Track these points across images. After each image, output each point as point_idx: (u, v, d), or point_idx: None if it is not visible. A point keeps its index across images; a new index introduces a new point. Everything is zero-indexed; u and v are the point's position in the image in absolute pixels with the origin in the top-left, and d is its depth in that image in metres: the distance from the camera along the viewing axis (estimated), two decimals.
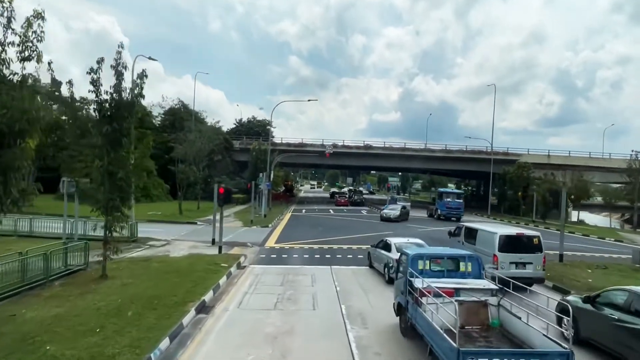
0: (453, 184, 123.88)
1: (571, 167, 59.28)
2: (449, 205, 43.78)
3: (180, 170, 35.42)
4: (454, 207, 43.60)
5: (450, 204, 43.82)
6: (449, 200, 44.40)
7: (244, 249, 21.25)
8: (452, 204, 43.97)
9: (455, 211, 43.44)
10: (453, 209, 43.48)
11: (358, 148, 60.93)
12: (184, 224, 30.69)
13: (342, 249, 22.11)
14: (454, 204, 43.93)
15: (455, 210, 43.57)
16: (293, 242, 23.70)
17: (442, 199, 44.95)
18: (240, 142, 60.33)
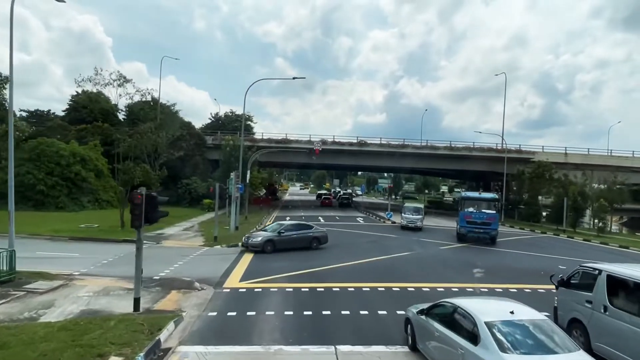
0: (447, 184, 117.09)
1: (590, 166, 52.37)
2: (474, 218, 27.54)
3: (122, 169, 26.76)
4: (482, 223, 27.31)
5: (475, 217, 27.52)
6: (473, 212, 27.72)
7: (186, 296, 12.90)
8: (479, 216, 27.50)
9: (484, 228, 27.19)
10: (481, 225, 27.31)
11: (351, 145, 52.79)
12: (119, 242, 22.09)
13: (347, 292, 13.86)
14: (481, 217, 27.42)
15: (484, 227, 27.23)
16: (268, 279, 15.37)
17: (463, 208, 28.50)
18: (213, 138, 51.70)
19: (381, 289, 14.13)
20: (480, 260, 20.68)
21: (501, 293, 14.06)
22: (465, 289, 14.48)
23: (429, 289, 14.38)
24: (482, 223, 27.25)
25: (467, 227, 27.63)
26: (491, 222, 27.26)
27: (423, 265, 18.97)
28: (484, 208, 27.82)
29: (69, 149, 39.00)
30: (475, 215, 27.54)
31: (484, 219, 27.26)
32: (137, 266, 11.15)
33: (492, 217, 27.45)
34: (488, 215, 27.44)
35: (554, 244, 30.50)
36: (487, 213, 27.51)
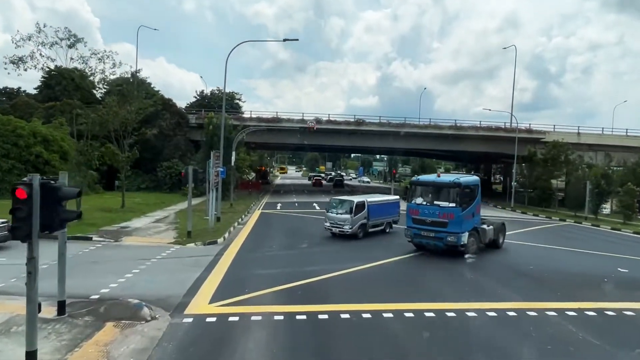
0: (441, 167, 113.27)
1: (605, 147, 48.64)
2: (422, 215, 16.97)
3: (78, 149, 22.21)
4: (432, 223, 16.67)
5: (424, 214, 16.92)
6: (421, 205, 17.11)
7: (126, 333, 8.68)
8: (429, 212, 16.76)
9: (435, 232, 16.59)
10: (430, 227, 16.72)
11: (348, 124, 48.32)
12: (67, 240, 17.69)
13: (362, 321, 9.73)
14: (432, 213, 16.67)
15: (435, 230, 16.60)
16: (250, 297, 11.18)
17: (411, 199, 17.66)
18: (197, 117, 46.99)
19: (409, 314, 10.01)
20: (506, 264, 16.70)
21: (577, 321, 10.03)
22: (525, 311, 10.43)
23: (472, 310, 10.31)
24: (433, 223, 16.41)
25: (413, 228, 17.19)
26: (447, 223, 16.08)
27: (451, 270, 14.93)
28: (439, 199, 16.56)
29: (29, 128, 34.20)
30: (424, 211, 16.71)
31: (436, 217, 16.32)
32: (28, 300, 6.86)
33: (449, 214, 16.09)
34: (442, 210, 16.20)
35: (583, 234, 26.66)
36: (442, 207, 16.23)
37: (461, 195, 16.31)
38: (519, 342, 8.58)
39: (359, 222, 20.61)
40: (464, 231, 16.30)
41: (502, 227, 19.40)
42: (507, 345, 8.46)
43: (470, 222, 16.88)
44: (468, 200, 16.62)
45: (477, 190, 17.51)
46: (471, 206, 16.80)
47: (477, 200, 17.30)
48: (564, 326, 9.55)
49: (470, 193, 16.83)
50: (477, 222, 17.53)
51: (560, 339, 8.85)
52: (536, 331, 9.18)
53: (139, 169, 42.99)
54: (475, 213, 17.20)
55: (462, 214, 16.21)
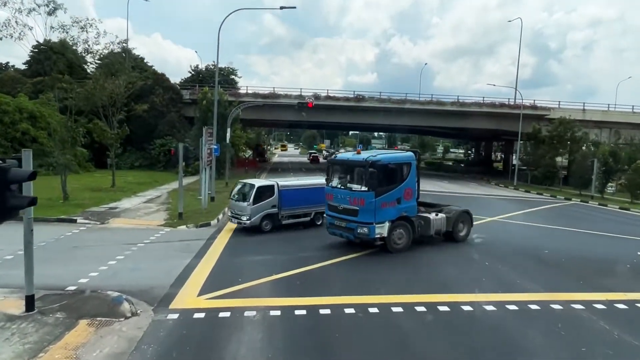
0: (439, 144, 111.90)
1: (611, 124, 47.36)
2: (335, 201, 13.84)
3: (64, 125, 20.88)
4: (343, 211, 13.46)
5: (337, 199, 13.75)
6: (335, 189, 13.89)
7: (101, 333, 7.61)
8: (340, 197, 13.58)
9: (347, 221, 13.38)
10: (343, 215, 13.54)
11: (347, 100, 46.77)
12: (51, 222, 16.58)
13: (370, 317, 8.68)
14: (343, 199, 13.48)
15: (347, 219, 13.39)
16: (244, 287, 10.10)
17: (330, 182, 14.39)
18: (191, 92, 45.33)
19: (420, 308, 8.96)
20: (519, 249, 15.69)
21: (608, 316, 9.02)
22: (549, 303, 9.39)
23: (490, 303, 9.27)
24: (344, 211, 13.38)
25: (329, 216, 14.33)
26: (357, 211, 12.97)
27: (462, 256, 13.90)
28: (353, 181, 13.44)
29: (15, 104, 32.73)
30: (337, 196, 13.75)
31: (347, 204, 13.28)
32: None
33: (359, 200, 12.96)
34: (353, 195, 13.12)
35: (592, 214, 25.68)
36: (353, 192, 13.14)
37: (376, 176, 12.68)
38: (549, 343, 7.56)
39: (262, 211, 16.05)
40: (380, 221, 12.90)
41: (463, 216, 15.53)
42: (535, 347, 7.43)
43: (393, 210, 13.18)
44: (387, 183, 13.05)
45: (407, 169, 13.67)
46: (393, 190, 13.19)
47: (406, 182, 13.56)
48: (594, 322, 8.53)
49: (391, 174, 13.22)
50: (410, 209, 13.70)
51: (594, 339, 7.83)
52: (565, 329, 8.16)
53: (132, 146, 41.63)
54: (403, 198, 13.43)
55: (376, 201, 12.73)
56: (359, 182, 13.13)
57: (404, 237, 13.65)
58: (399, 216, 13.44)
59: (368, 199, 12.83)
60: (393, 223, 13.32)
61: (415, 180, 14.05)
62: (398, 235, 13.54)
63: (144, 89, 39.82)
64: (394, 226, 13.36)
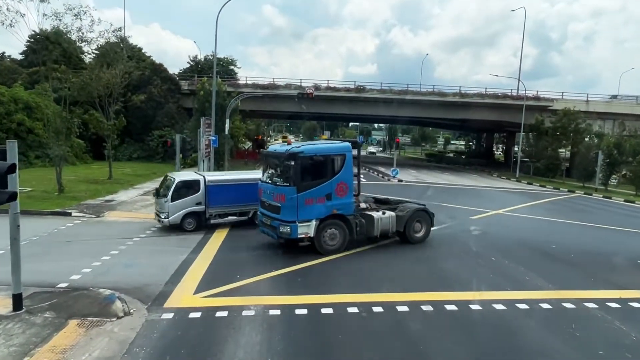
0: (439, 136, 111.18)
1: (614, 115, 46.77)
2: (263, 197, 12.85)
3: (59, 115, 20.38)
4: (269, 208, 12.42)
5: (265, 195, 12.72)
6: (264, 184, 12.81)
7: (91, 334, 7.20)
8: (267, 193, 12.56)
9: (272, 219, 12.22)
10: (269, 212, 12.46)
11: (348, 90, 46.16)
12: (45, 215, 16.16)
13: (375, 317, 8.30)
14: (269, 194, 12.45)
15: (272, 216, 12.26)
16: (242, 285, 9.69)
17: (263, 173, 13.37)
18: (189, 83, 44.72)
19: (427, 307, 8.55)
20: (526, 243, 15.29)
21: (623, 316, 8.63)
22: (561, 302, 9.00)
23: (499, 302, 8.88)
24: (270, 207, 12.35)
25: (260, 213, 13.09)
26: (279, 207, 11.85)
27: (469, 251, 13.49)
28: (279, 175, 12.23)
29: (10, 94, 32.16)
30: (265, 191, 12.72)
31: (272, 200, 12.26)
32: None
33: (280, 196, 11.86)
34: (276, 191, 12.07)
35: (597, 207, 25.27)
36: (276, 187, 12.07)
37: (298, 170, 11.46)
38: (564, 346, 7.16)
39: (184, 209, 14.38)
40: (305, 219, 11.61)
41: (419, 215, 13.65)
42: (550, 350, 7.03)
43: (321, 208, 11.85)
44: (313, 177, 11.81)
45: (339, 162, 12.18)
46: (321, 185, 11.82)
47: (339, 176, 12.07)
48: (610, 323, 8.14)
49: (318, 167, 11.91)
50: (344, 206, 12.20)
51: (611, 341, 7.44)
52: (580, 330, 7.77)
53: (131, 138, 41.13)
54: (334, 194, 11.98)
55: (299, 196, 11.50)
56: (282, 176, 11.97)
57: (338, 237, 12.12)
58: (330, 214, 11.99)
59: (289, 195, 11.55)
60: (323, 222, 11.90)
61: (353, 174, 12.56)
62: (330, 235, 12.05)
63: (141, 80, 39.25)
64: (324, 225, 11.94)
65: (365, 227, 12.71)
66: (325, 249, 12.05)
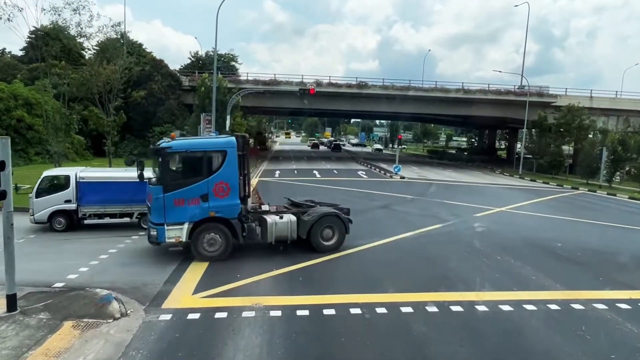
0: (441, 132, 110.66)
1: (619, 111, 46.40)
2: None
3: (59, 111, 20.17)
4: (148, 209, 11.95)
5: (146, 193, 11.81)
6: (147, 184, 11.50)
7: (87, 336, 6.98)
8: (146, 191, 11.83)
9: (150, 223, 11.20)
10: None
11: (349, 87, 45.82)
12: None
13: (379, 319, 8.08)
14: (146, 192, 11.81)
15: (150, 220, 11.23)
16: (242, 284, 9.48)
17: None
18: (190, 79, 44.46)
19: (432, 308, 8.33)
20: (531, 242, 15.03)
21: (634, 317, 8.39)
22: (569, 303, 8.76)
23: (506, 303, 8.65)
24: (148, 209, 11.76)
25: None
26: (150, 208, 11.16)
27: (474, 249, 13.23)
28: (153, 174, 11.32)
29: (9, 90, 31.98)
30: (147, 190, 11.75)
31: (147, 200, 11.68)
32: None
33: (149, 196, 11.22)
34: (148, 191, 11.38)
35: (602, 204, 24.99)
36: (149, 187, 11.21)
37: (165, 167, 10.65)
38: (575, 349, 6.91)
39: (50, 207, 13.34)
40: (175, 222, 10.56)
41: (328, 221, 11.97)
42: (561, 354, 6.79)
43: (195, 210, 10.70)
44: (184, 176, 10.87)
45: (219, 159, 10.96)
46: (194, 185, 10.73)
47: (218, 175, 10.85)
48: (621, 325, 7.89)
49: (190, 164, 11.01)
50: (225, 209, 10.94)
51: (623, 345, 7.20)
52: (590, 332, 7.53)
53: (132, 134, 40.95)
54: (212, 195, 10.78)
55: (166, 197, 10.48)
56: (154, 174, 11.09)
57: (219, 243, 10.93)
58: (208, 217, 10.83)
59: (155, 195, 10.58)
60: (199, 225, 10.79)
61: (237, 173, 11.12)
62: (209, 240, 10.88)
63: (142, 76, 39.00)
64: (201, 229, 10.83)
65: (256, 232, 11.44)
66: (203, 255, 10.85)
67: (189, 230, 10.67)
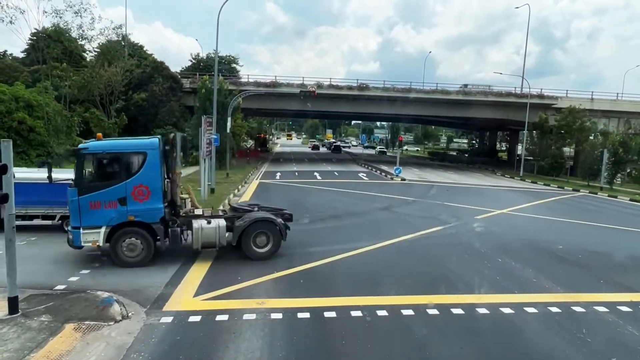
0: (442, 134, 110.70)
1: (619, 113, 46.37)
2: None
3: (60, 113, 20.20)
4: None
5: None
6: None
7: (88, 339, 6.98)
8: None
9: None
10: None
11: (350, 89, 45.86)
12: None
13: (380, 322, 8.09)
14: None
15: None
16: (244, 287, 9.48)
17: None
18: (191, 81, 44.51)
19: (433, 311, 8.34)
20: (531, 244, 15.03)
21: (635, 320, 8.39)
22: (570, 305, 8.76)
23: (507, 305, 8.66)
24: None
25: None
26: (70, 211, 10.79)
27: (475, 251, 13.22)
28: None
29: (11, 92, 31.93)
30: None
31: None
32: None
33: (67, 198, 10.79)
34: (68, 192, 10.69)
35: (603, 206, 24.99)
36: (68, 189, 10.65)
37: (80, 168, 10.39)
38: (575, 352, 6.91)
39: None
40: (91, 226, 10.21)
41: (262, 226, 11.41)
42: (560, 356, 6.80)
43: (112, 213, 10.32)
44: (100, 178, 10.44)
45: (138, 161, 10.53)
46: (111, 188, 10.32)
47: (137, 178, 10.42)
48: (622, 327, 7.90)
49: (106, 166, 10.57)
50: (146, 213, 10.53)
51: (624, 347, 7.20)
52: (590, 335, 7.54)
53: (132, 136, 40.99)
54: (131, 199, 10.38)
55: (81, 199, 10.14)
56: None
57: (140, 248, 10.53)
58: (127, 221, 10.46)
59: (71, 197, 10.26)
60: (117, 230, 10.43)
61: (159, 176, 10.65)
62: (129, 245, 10.50)
63: (143, 78, 39.07)
64: (120, 234, 10.46)
65: (181, 238, 10.98)
66: (123, 260, 10.47)
67: (106, 234, 10.33)
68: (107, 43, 26.10)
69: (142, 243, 10.56)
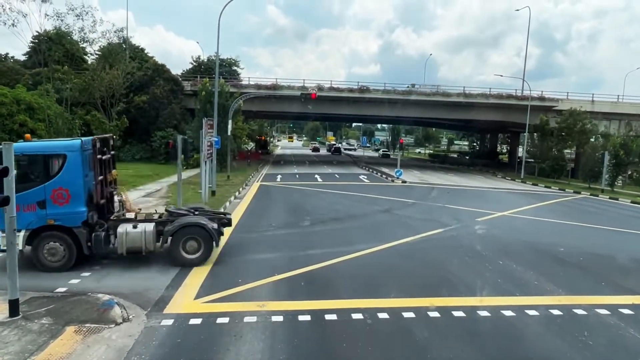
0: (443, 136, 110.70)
1: (620, 115, 46.36)
2: None
3: (61, 116, 20.25)
4: None
5: None
6: None
7: (88, 342, 6.98)
8: None
9: None
10: None
11: (351, 91, 45.87)
12: None
13: (380, 324, 8.09)
14: None
15: None
16: (245, 289, 9.48)
17: None
18: (192, 84, 44.56)
19: (434, 314, 8.33)
20: (532, 246, 15.01)
21: (637, 322, 8.37)
22: (571, 308, 8.75)
23: (508, 308, 8.64)
24: None
25: None
26: None
27: (475, 253, 13.20)
28: None
29: (12, 95, 32.01)
30: None
31: None
32: None
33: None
34: None
35: (604, 209, 24.94)
36: None
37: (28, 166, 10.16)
38: (577, 355, 6.90)
39: None
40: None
41: (190, 231, 10.94)
42: (562, 359, 6.78)
43: (31, 217, 10.01)
44: (18, 180, 8.76)
45: (58, 164, 10.24)
46: (29, 191, 9.95)
47: (57, 181, 10.15)
48: (624, 330, 7.88)
49: (25, 168, 10.13)
50: (67, 217, 10.22)
51: (626, 351, 7.19)
52: (592, 337, 7.52)
53: (134, 138, 41.07)
54: (50, 202, 10.11)
55: None
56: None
57: (61, 253, 10.25)
58: (47, 225, 10.18)
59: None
60: (37, 234, 10.14)
61: (81, 179, 10.28)
62: (50, 250, 10.18)
63: (144, 80, 39.15)
64: (41, 238, 10.15)
65: (104, 243, 10.58)
66: (45, 265, 10.18)
67: (25, 238, 10.00)
68: (108, 46, 26.08)
69: (64, 248, 10.27)
